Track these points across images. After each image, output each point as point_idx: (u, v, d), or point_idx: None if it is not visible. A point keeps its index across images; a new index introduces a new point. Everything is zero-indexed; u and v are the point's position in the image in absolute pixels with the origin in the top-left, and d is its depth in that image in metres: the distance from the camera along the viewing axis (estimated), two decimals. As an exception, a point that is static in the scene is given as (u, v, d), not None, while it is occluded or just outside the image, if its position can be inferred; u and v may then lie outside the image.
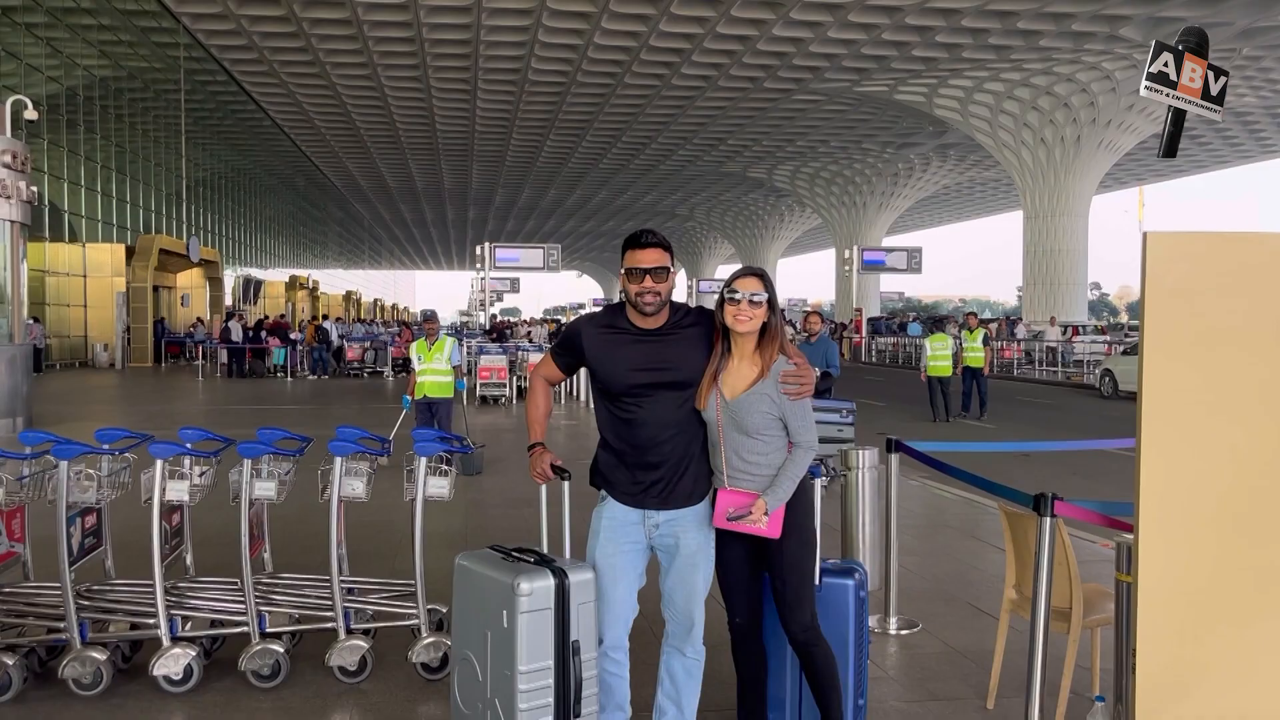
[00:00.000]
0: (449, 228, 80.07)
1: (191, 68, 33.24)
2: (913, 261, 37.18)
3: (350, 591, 4.10)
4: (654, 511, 3.07)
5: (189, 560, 4.25)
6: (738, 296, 3.01)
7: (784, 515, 2.98)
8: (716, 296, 3.13)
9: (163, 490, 3.67)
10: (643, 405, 3.04)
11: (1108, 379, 20.32)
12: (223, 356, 26.27)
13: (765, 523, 2.96)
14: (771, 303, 3.04)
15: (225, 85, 35.72)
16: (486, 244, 26.07)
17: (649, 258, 3.03)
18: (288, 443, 4.11)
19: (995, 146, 36.65)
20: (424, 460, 3.87)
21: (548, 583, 2.79)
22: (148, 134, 36.82)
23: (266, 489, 3.77)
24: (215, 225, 46.48)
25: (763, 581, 3.14)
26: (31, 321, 24.66)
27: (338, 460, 3.81)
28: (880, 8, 26.52)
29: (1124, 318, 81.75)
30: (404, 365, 27.37)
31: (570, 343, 3.19)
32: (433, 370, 9.81)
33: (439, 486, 3.89)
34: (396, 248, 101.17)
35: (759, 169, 50.71)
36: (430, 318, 10.93)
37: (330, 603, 3.83)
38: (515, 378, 18.28)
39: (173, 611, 3.76)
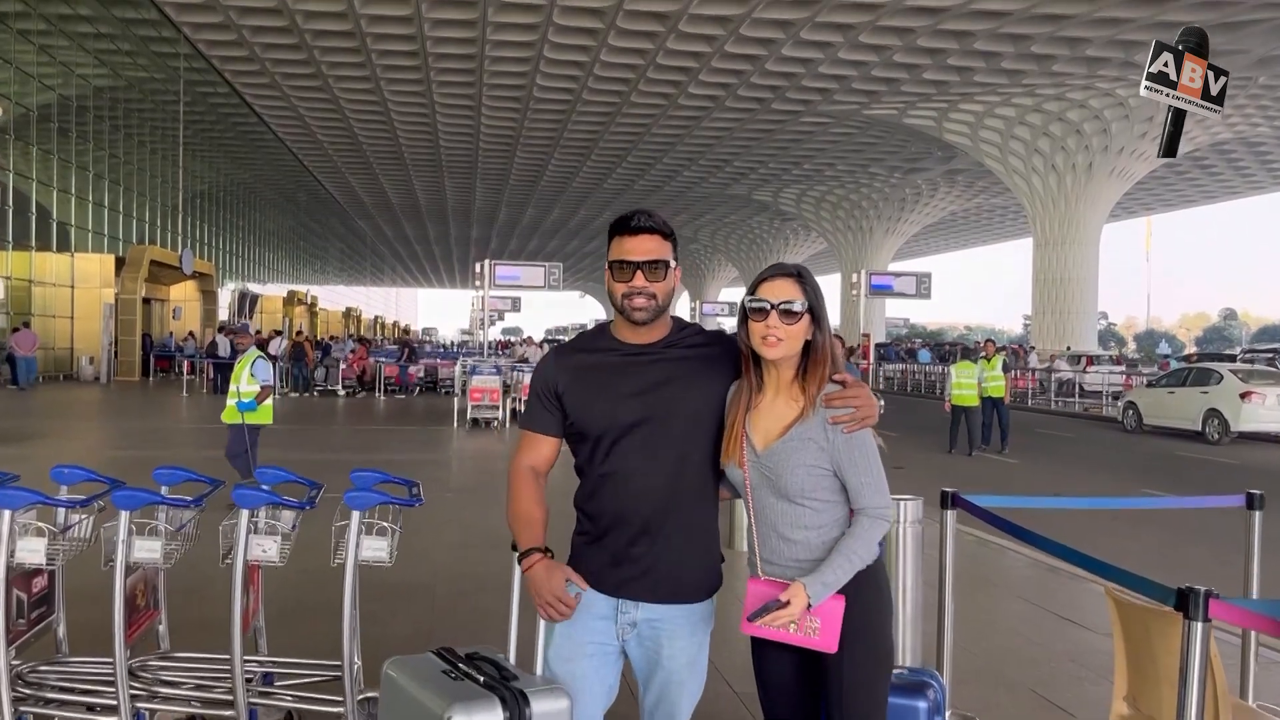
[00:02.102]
0: (451, 245, 79.55)
1: (192, 78, 32.67)
2: (922, 287, 36.31)
3: (265, 679, 3.25)
4: (631, 604, 2.23)
5: (61, 634, 3.39)
6: (764, 306, 2.15)
7: (843, 616, 2.08)
8: (740, 302, 2.27)
9: (10, 550, 2.82)
10: (628, 452, 2.20)
11: (1131, 412, 19.42)
12: (210, 371, 25.54)
13: (817, 630, 2.09)
14: (815, 313, 2.17)
15: (226, 97, 35.16)
16: (486, 261, 25.25)
17: (642, 246, 2.21)
18: (191, 486, 3.27)
19: (1005, 172, 36.03)
20: (357, 515, 3.02)
21: (495, 717, 1.95)
22: (144, 144, 36.22)
23: (149, 550, 2.93)
24: (213, 238, 45.83)
25: (816, 701, 2.24)
26: (20, 328, 24.21)
27: (243, 514, 2.97)
28: (892, 29, 25.95)
29: (1131, 348, 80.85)
30: (359, 383, 26.55)
31: (545, 385, 2.31)
32: (230, 393, 8.46)
33: (376, 549, 3.04)
34: (399, 264, 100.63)
35: (765, 191, 50.14)
36: (239, 330, 9.52)
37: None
38: (509, 399, 17.47)
39: (24, 708, 2.91)
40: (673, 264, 2.25)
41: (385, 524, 3.08)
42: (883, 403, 2.21)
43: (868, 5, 24.20)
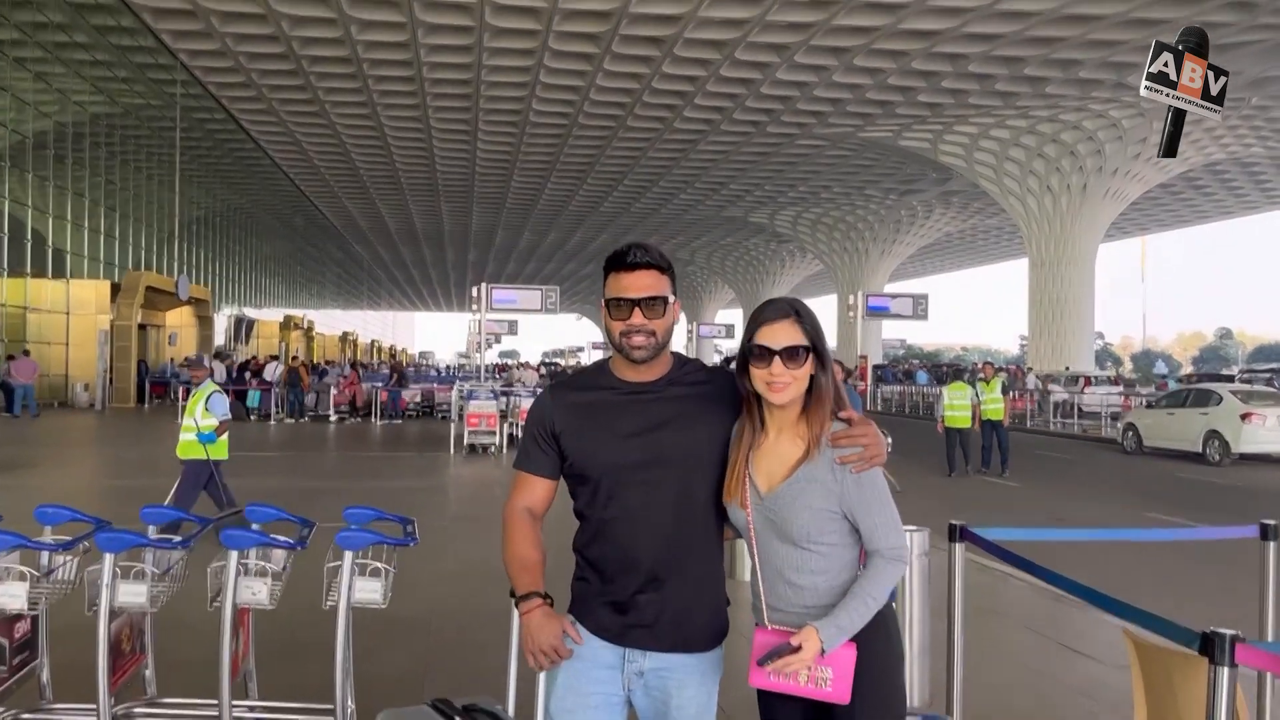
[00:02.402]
0: (449, 269, 79.63)
1: (188, 105, 32.77)
2: (918, 308, 36.35)
3: (254, 725, 3.15)
4: (638, 653, 2.14)
5: (45, 679, 3.28)
6: (766, 351, 2.06)
7: (855, 665, 1.98)
8: (739, 347, 2.19)
9: (-11, 596, 2.73)
10: (631, 494, 2.12)
11: (1131, 434, 19.33)
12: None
13: (829, 681, 1.99)
14: (818, 351, 2.10)
15: (223, 123, 35.25)
16: (483, 285, 25.20)
17: (639, 283, 2.14)
18: (179, 525, 3.17)
19: (1000, 194, 36.16)
20: (350, 555, 2.93)
21: (490, 777, 1.86)
22: (141, 170, 36.26)
23: (135, 594, 2.83)
24: (209, 263, 45.82)
25: None
26: (18, 356, 24.30)
27: (232, 556, 2.87)
28: (886, 52, 26.09)
29: (1128, 368, 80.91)
30: (351, 409, 26.29)
31: (542, 424, 2.22)
32: (184, 427, 8.14)
33: (370, 590, 2.95)
34: (395, 289, 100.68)
35: (761, 214, 50.27)
36: (193, 363, 8.94)
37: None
38: (506, 424, 17.38)
39: (3, 759, 2.82)
40: (671, 299, 2.18)
41: (379, 564, 2.99)
42: (890, 440, 2.13)
43: (862, 29, 24.34)
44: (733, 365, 2.20)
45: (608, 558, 2.15)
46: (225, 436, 8.21)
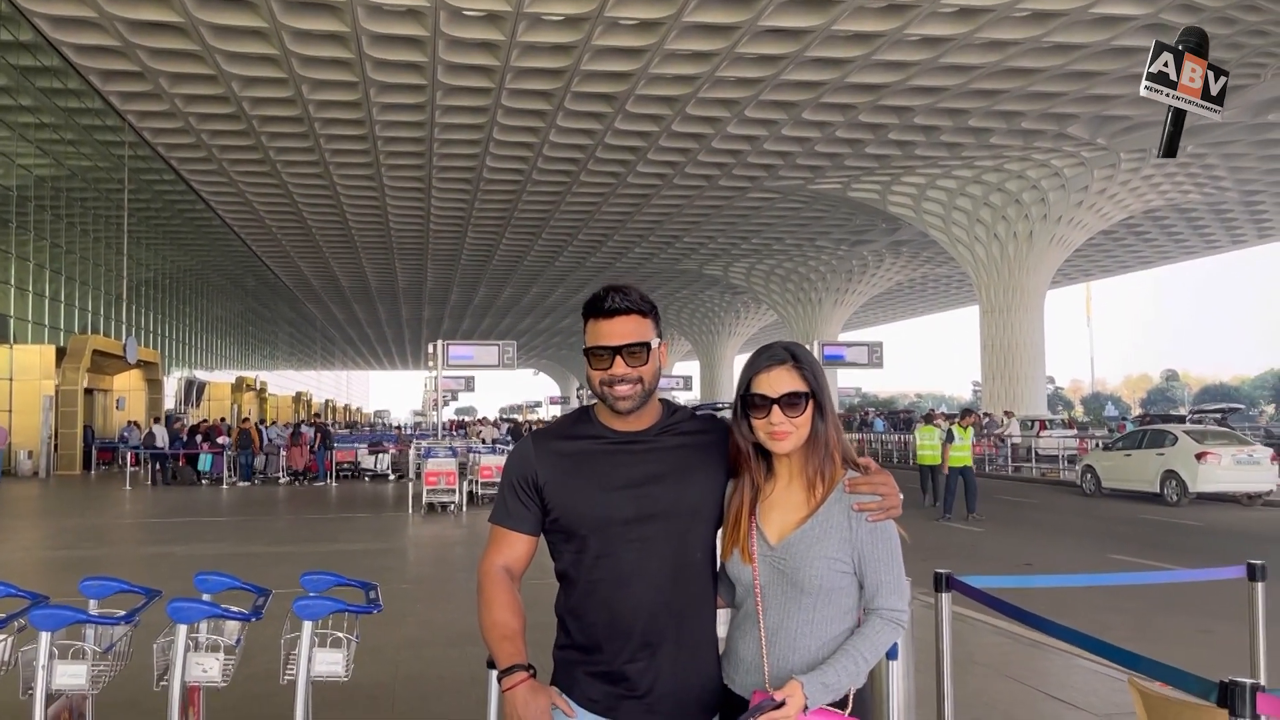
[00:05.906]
0: (403, 327, 79.08)
1: (137, 166, 32.35)
2: (873, 356, 36.51)
3: (205, 814, 2.90)
4: None
5: (-28, 774, 3.02)
6: (764, 401, 1.97)
7: None
8: (735, 395, 2.08)
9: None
10: (623, 553, 1.96)
11: (1090, 475, 19.52)
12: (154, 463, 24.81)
13: None
14: (816, 396, 2.00)
15: (173, 184, 34.86)
16: (439, 341, 24.94)
17: (619, 330, 2.02)
18: (124, 598, 2.95)
19: (949, 242, 36.87)
20: (309, 625, 2.74)
21: None
22: (88, 233, 35.58)
23: (73, 675, 2.61)
24: (159, 326, 44.91)
25: None
26: None
27: (180, 630, 2.66)
28: (833, 105, 26.64)
29: (1079, 411, 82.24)
30: (303, 473, 25.48)
31: (523, 474, 2.05)
32: None
33: (331, 663, 2.75)
34: (350, 348, 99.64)
35: (714, 266, 50.74)
36: None
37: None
38: (466, 481, 17.08)
39: None
40: (655, 343, 2.06)
41: (340, 634, 2.80)
42: (902, 495, 2.02)
43: (809, 84, 24.84)
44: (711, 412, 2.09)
45: (595, 622, 1.99)
46: None
